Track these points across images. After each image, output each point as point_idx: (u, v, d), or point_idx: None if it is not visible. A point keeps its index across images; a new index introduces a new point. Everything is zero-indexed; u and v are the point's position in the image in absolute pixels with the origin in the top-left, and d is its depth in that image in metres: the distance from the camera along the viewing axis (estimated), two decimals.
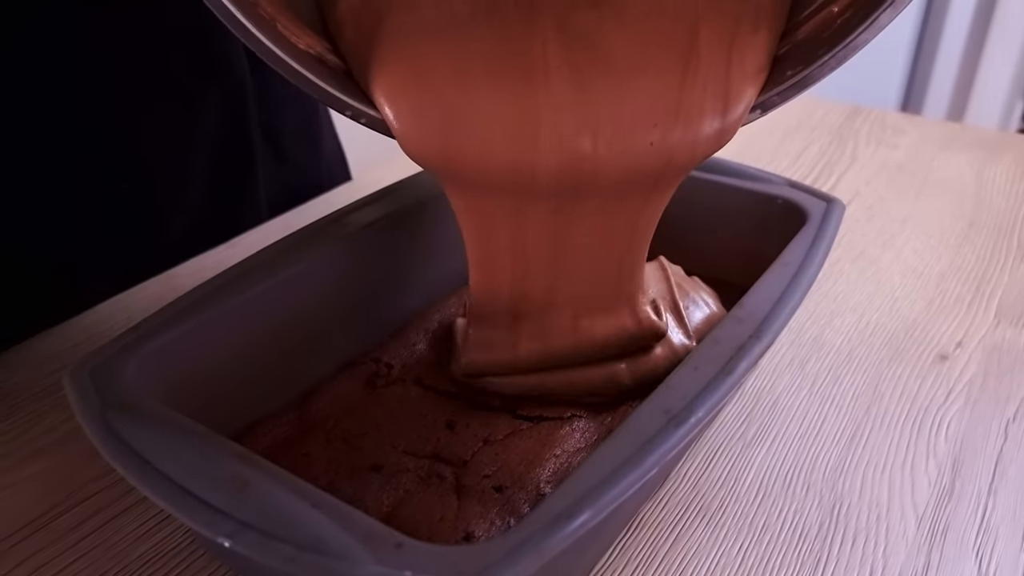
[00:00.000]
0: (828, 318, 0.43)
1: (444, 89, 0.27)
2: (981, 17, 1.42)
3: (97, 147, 0.44)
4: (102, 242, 0.46)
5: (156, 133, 0.47)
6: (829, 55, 0.27)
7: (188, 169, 0.49)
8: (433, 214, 0.38)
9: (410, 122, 0.28)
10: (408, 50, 0.27)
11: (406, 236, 0.37)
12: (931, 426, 0.36)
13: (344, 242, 0.34)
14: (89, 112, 0.43)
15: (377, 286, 0.37)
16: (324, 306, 0.34)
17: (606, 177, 0.28)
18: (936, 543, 0.31)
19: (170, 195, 0.49)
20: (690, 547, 0.30)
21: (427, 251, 0.39)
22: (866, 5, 0.26)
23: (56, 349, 0.40)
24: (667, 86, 0.27)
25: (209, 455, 0.24)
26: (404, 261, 0.38)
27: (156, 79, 0.45)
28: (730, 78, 0.27)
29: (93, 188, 0.44)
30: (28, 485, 0.32)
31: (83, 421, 0.25)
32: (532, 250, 0.31)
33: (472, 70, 0.27)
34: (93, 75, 0.42)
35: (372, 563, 0.20)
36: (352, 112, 0.29)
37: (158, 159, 0.47)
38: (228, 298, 0.30)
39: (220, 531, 0.21)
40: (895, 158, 0.62)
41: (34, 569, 0.29)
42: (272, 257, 0.32)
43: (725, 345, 0.28)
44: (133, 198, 0.46)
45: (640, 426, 0.25)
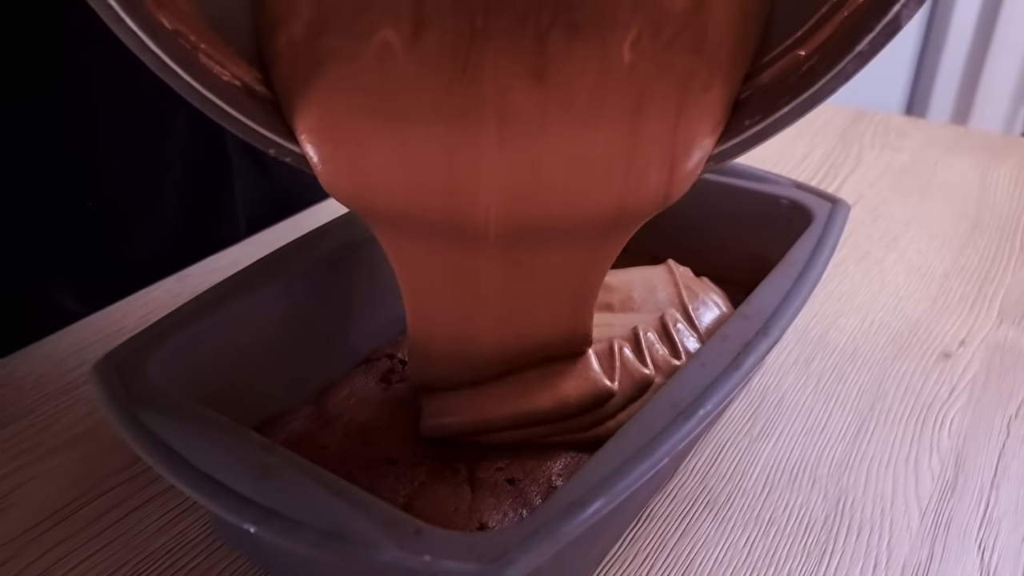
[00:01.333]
0: (833, 317, 0.44)
1: (376, 139, 0.26)
2: (985, 21, 1.42)
3: (62, 166, 0.43)
4: (71, 262, 0.45)
5: (124, 151, 0.46)
6: (790, 105, 0.25)
7: (160, 187, 0.48)
8: None
9: (332, 164, 0.27)
10: (340, 96, 0.26)
11: None
12: (934, 422, 0.37)
13: (359, 241, 0.35)
14: (54, 130, 0.42)
15: (392, 284, 0.37)
16: (340, 304, 0.35)
17: (549, 231, 0.27)
18: (939, 535, 0.31)
19: (140, 214, 0.48)
20: (698, 539, 0.31)
21: None
22: (833, 52, 0.24)
23: (76, 346, 0.40)
24: (613, 151, 0.26)
25: (233, 445, 0.24)
26: None
27: (125, 95, 0.44)
28: (677, 140, 0.26)
29: (58, 207, 0.44)
30: (50, 478, 0.33)
31: (110, 413, 0.26)
32: (480, 295, 0.30)
33: (406, 124, 0.26)
34: (59, 91, 0.42)
35: (393, 548, 0.21)
36: (277, 151, 0.27)
37: (127, 177, 0.46)
38: (247, 295, 0.31)
39: (246, 517, 0.22)
40: (899, 161, 0.62)
41: (58, 559, 0.30)
42: (288, 255, 0.33)
43: (732, 342, 0.29)
44: (101, 217, 0.45)
45: (650, 419, 0.25)
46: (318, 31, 0.26)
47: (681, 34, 0.26)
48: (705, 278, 0.39)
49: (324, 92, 0.26)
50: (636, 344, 0.34)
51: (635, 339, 0.34)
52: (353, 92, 0.26)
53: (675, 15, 0.25)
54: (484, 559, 0.21)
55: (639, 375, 0.33)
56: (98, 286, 0.45)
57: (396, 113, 0.26)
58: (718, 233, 0.42)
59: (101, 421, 0.36)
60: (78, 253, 0.46)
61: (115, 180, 0.46)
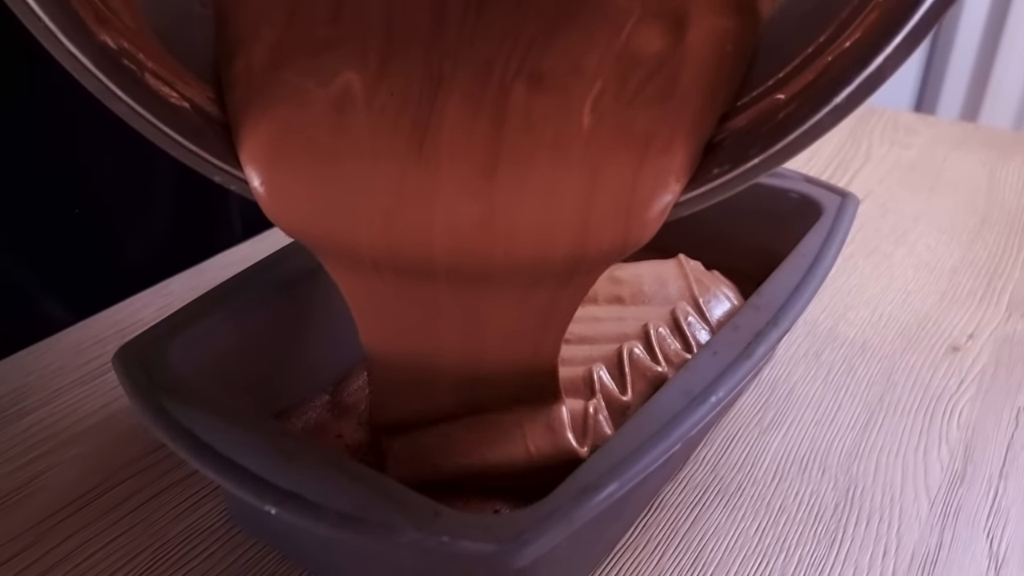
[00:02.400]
0: (842, 311, 0.44)
1: (325, 177, 0.25)
2: (995, 18, 1.42)
3: (49, 171, 0.43)
4: (59, 269, 0.45)
5: (114, 155, 0.45)
6: (760, 156, 0.23)
7: (152, 192, 0.48)
8: None
9: (276, 197, 0.25)
10: (292, 131, 0.25)
11: None
12: (943, 413, 0.37)
13: None
14: (41, 135, 0.42)
15: None
16: None
17: (503, 275, 0.26)
18: (948, 524, 0.32)
19: (131, 221, 0.47)
20: (709, 527, 0.31)
21: None
22: (810, 102, 0.22)
23: (95, 338, 0.41)
24: (566, 204, 0.25)
25: (253, 430, 0.25)
26: None
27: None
28: (635, 196, 0.25)
29: (45, 213, 0.44)
30: (71, 466, 0.34)
31: (132, 399, 0.26)
32: (436, 328, 0.28)
33: (358, 165, 0.25)
34: (45, 97, 0.41)
35: (412, 530, 0.22)
36: (222, 178, 0.26)
37: (117, 183, 0.46)
38: (264, 286, 0.32)
39: (268, 500, 0.23)
40: (908, 157, 0.62)
41: (78, 545, 0.31)
42: (305, 248, 0.34)
43: (744, 331, 0.29)
44: (90, 224, 0.45)
45: (663, 406, 0.26)
46: (279, 62, 0.25)
47: (651, 80, 0.25)
48: (716, 271, 0.40)
49: (276, 124, 0.25)
50: (647, 341, 0.34)
51: (646, 337, 0.34)
52: (306, 128, 0.25)
53: (647, 58, 0.25)
54: (501, 540, 0.21)
55: (652, 374, 0.33)
56: (87, 294, 0.44)
57: (348, 153, 0.25)
58: (728, 227, 0.42)
59: (120, 410, 0.36)
60: (66, 260, 0.45)
61: (105, 185, 0.45)
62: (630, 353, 0.33)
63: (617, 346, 0.34)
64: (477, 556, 0.21)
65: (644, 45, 0.25)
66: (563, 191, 0.25)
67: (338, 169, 0.25)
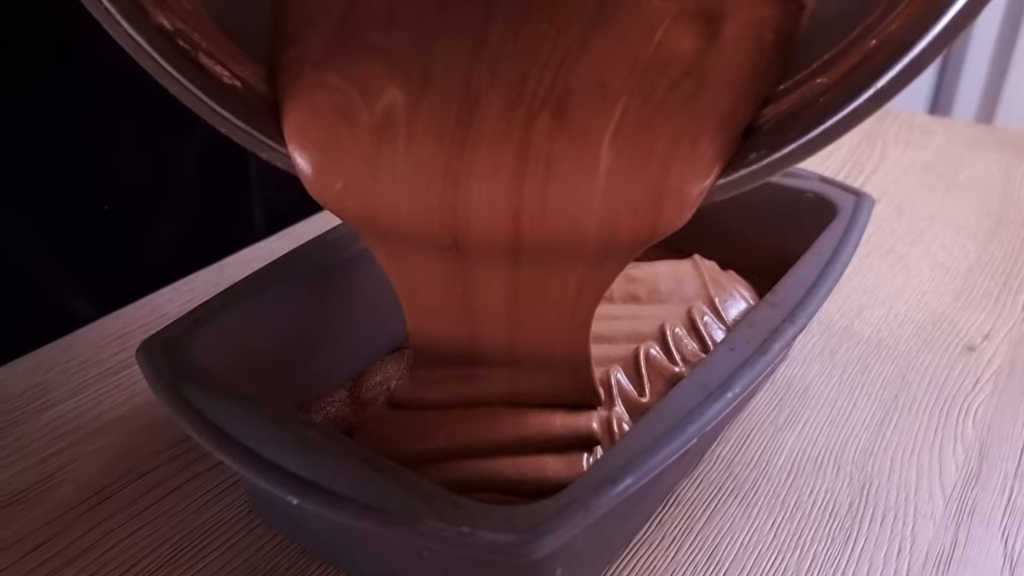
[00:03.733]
0: (858, 310, 0.44)
1: (368, 164, 0.26)
2: (1011, 19, 1.41)
3: (76, 168, 0.44)
4: (84, 264, 0.46)
5: (139, 151, 0.46)
6: (798, 141, 0.23)
7: (174, 189, 0.48)
8: None
9: (319, 177, 0.26)
10: (337, 122, 0.26)
11: None
12: (959, 413, 0.37)
13: None
14: (68, 133, 0.43)
15: None
16: (375, 292, 0.36)
17: (540, 256, 0.27)
18: (963, 522, 0.32)
19: (155, 217, 0.48)
20: (724, 523, 0.32)
21: None
22: (852, 86, 0.22)
23: (119, 332, 0.42)
24: (599, 195, 0.25)
25: (275, 421, 0.25)
26: None
27: (141, 93, 0.45)
28: (666, 187, 0.25)
29: (71, 210, 0.44)
30: (95, 458, 0.34)
31: (156, 390, 0.27)
32: (476, 308, 0.29)
33: (401, 154, 0.26)
34: (73, 89, 0.42)
35: (432, 519, 0.22)
36: (268, 154, 0.27)
37: (141, 179, 0.47)
38: (286, 281, 0.32)
39: (290, 490, 0.23)
40: (924, 158, 0.62)
41: (103, 535, 0.31)
42: (326, 246, 0.34)
43: (760, 327, 0.29)
44: (115, 220, 0.46)
45: (680, 401, 0.26)
46: (330, 62, 0.26)
47: (687, 74, 0.25)
48: (731, 271, 0.40)
49: (320, 119, 0.26)
50: (664, 342, 0.34)
51: (662, 337, 0.35)
52: (348, 129, 0.26)
53: (684, 52, 0.25)
54: (520, 530, 0.22)
55: (669, 374, 0.33)
56: (111, 289, 0.45)
57: (387, 153, 0.26)
58: (744, 226, 0.43)
59: (143, 404, 0.37)
60: (92, 256, 0.46)
61: (130, 182, 0.46)
62: (647, 354, 0.33)
63: (634, 346, 0.34)
64: (496, 546, 0.22)
65: (680, 39, 0.25)
66: (598, 180, 0.25)
67: (375, 164, 0.26)
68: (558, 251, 0.26)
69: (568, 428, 0.30)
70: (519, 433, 0.30)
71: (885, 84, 0.22)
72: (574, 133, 0.25)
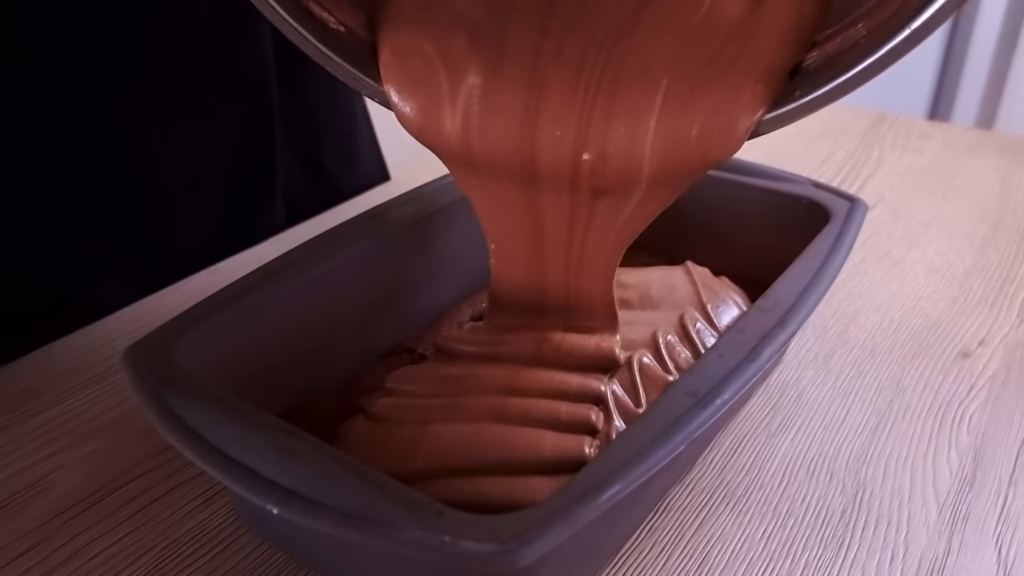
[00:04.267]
0: (852, 315, 0.44)
1: (457, 94, 0.29)
2: (1011, 24, 1.41)
3: (111, 158, 0.45)
4: (115, 252, 0.46)
5: (173, 144, 0.47)
6: (837, 80, 0.25)
7: (206, 180, 0.50)
8: (465, 212, 0.39)
9: (412, 110, 0.30)
10: (428, 47, 0.30)
11: (441, 233, 0.38)
12: (953, 419, 0.37)
13: (382, 237, 0.36)
14: (103, 122, 0.44)
15: (414, 280, 0.38)
16: (362, 299, 0.36)
17: (606, 180, 0.29)
18: (957, 530, 0.31)
19: (186, 206, 0.50)
20: (715, 531, 0.31)
21: (460, 248, 0.40)
22: (887, 29, 0.24)
23: (106, 338, 0.41)
24: (658, 128, 0.28)
25: (258, 429, 0.25)
26: (438, 257, 0.39)
27: (176, 89, 0.46)
28: (717, 124, 0.28)
29: (105, 199, 0.45)
30: (81, 464, 0.34)
31: (138, 396, 0.26)
32: (545, 240, 0.32)
33: (487, 84, 0.29)
34: (108, 84, 0.43)
35: (414, 528, 0.22)
36: (368, 91, 0.30)
37: (175, 171, 0.48)
38: (273, 288, 0.32)
39: (270, 498, 0.23)
40: (920, 163, 0.62)
41: (87, 542, 0.31)
42: (315, 249, 0.34)
43: (750, 333, 0.29)
44: (148, 208, 0.47)
45: (668, 407, 0.26)
46: (421, 23, 0.30)
47: (736, 32, 0.28)
48: (724, 277, 0.40)
49: (412, 64, 0.30)
50: (656, 350, 0.34)
51: (655, 345, 0.34)
52: (437, 72, 0.29)
53: (731, 16, 0.28)
54: (503, 539, 0.21)
55: (663, 383, 0.33)
56: (141, 277, 0.46)
57: (479, 73, 0.29)
58: (737, 232, 0.43)
59: (131, 410, 0.37)
60: (123, 245, 0.47)
61: (164, 173, 0.47)
62: (640, 363, 0.33)
63: (626, 355, 0.33)
64: (479, 556, 0.21)
65: (729, 5, 0.28)
66: (657, 117, 0.28)
67: (459, 106, 0.29)
68: (620, 182, 0.29)
69: (559, 451, 0.29)
70: (506, 452, 0.29)
71: (919, 26, 0.24)
72: (636, 79, 0.28)
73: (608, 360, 0.33)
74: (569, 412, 0.30)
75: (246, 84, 0.50)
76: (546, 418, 0.30)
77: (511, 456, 0.29)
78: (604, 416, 0.31)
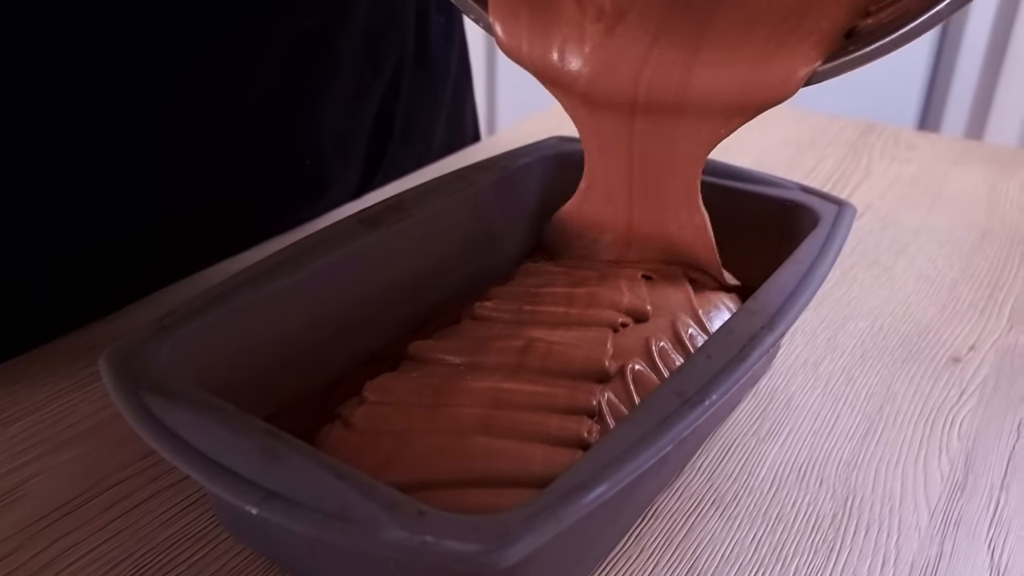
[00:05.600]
0: (842, 322, 0.44)
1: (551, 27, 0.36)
2: (999, 37, 1.42)
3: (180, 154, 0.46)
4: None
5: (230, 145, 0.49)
6: (886, 38, 0.30)
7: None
8: (453, 217, 0.39)
9: (511, 38, 0.37)
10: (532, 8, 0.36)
11: (428, 238, 0.38)
12: (944, 424, 0.36)
13: (366, 246, 0.35)
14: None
15: (399, 285, 0.37)
16: (345, 305, 0.35)
17: (684, 107, 0.35)
18: (949, 534, 0.31)
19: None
20: (704, 536, 0.31)
21: (447, 254, 0.40)
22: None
23: (88, 345, 0.41)
24: (736, 67, 0.34)
25: (238, 430, 0.24)
26: (425, 262, 0.39)
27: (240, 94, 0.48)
28: (781, 70, 0.33)
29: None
30: (59, 471, 0.33)
31: (116, 398, 0.26)
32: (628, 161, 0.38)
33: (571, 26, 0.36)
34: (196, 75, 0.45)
35: (396, 529, 0.21)
36: (475, 14, 0.37)
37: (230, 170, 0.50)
38: (254, 291, 0.31)
39: (249, 499, 0.22)
40: (909, 172, 0.62)
41: (64, 550, 0.30)
42: (298, 253, 0.34)
43: (738, 334, 0.29)
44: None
45: (655, 407, 0.25)
46: None
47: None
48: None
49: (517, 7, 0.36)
50: (649, 357, 0.34)
51: (648, 352, 0.34)
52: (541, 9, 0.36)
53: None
54: (486, 539, 0.21)
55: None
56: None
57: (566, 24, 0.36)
58: (726, 236, 0.42)
59: (109, 418, 0.36)
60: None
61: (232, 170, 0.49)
62: (633, 371, 0.33)
63: (619, 364, 0.33)
64: (461, 556, 0.21)
65: None
66: (734, 63, 0.34)
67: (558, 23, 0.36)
68: (701, 107, 0.35)
69: (551, 465, 0.28)
70: (492, 465, 0.28)
71: None
72: (723, 34, 0.34)
73: (597, 370, 0.32)
74: (560, 427, 0.30)
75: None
76: (535, 432, 0.30)
77: (498, 469, 0.28)
78: (600, 428, 0.30)
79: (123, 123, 0.42)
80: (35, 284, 0.42)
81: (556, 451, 0.29)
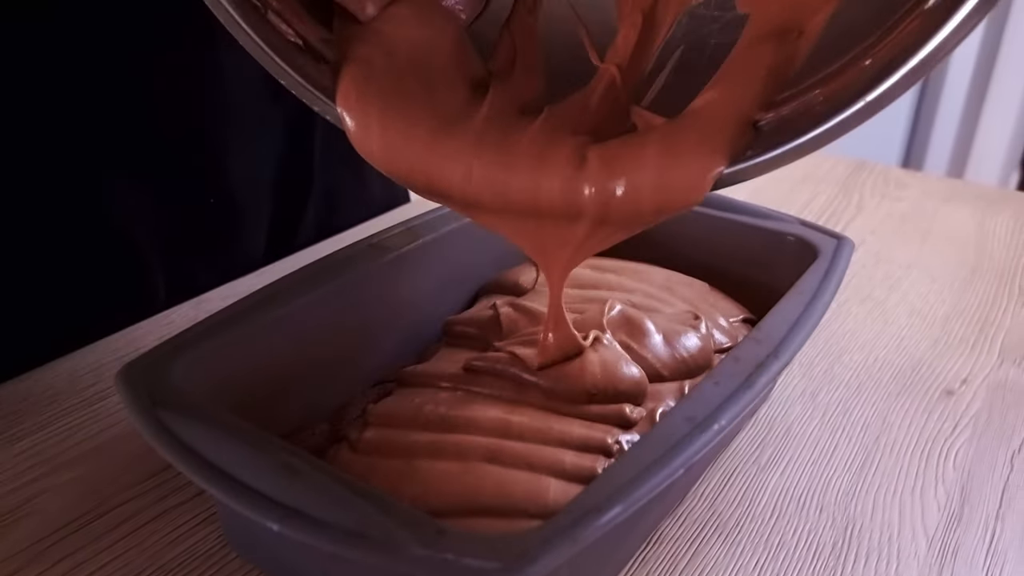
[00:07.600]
0: (837, 354, 0.44)
1: (403, 133, 0.29)
2: (980, 79, 1.46)
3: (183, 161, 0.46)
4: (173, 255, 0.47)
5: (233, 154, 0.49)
6: (789, 144, 0.26)
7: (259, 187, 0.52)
8: (459, 241, 0.39)
9: (363, 137, 0.29)
10: (384, 91, 0.29)
11: (435, 261, 0.39)
12: (939, 455, 0.37)
13: (373, 270, 0.36)
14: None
15: (408, 307, 0.38)
16: (357, 325, 0.36)
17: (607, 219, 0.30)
18: (947, 563, 0.31)
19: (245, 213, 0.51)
20: (708, 562, 0.31)
21: (454, 276, 0.40)
22: (841, 100, 0.25)
23: (93, 365, 0.41)
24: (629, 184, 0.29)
25: (256, 447, 0.25)
26: (430, 288, 0.39)
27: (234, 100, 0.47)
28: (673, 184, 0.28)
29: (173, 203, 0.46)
30: (66, 489, 0.33)
31: (134, 416, 0.26)
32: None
33: (438, 134, 0.29)
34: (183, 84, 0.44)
35: (416, 547, 0.22)
36: (321, 107, 0.30)
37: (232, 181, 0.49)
38: (268, 312, 0.32)
39: (271, 516, 0.23)
40: (899, 209, 0.64)
41: (70, 568, 0.30)
42: (312, 275, 0.34)
43: (745, 363, 0.29)
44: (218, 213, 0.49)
45: (667, 432, 0.26)
46: (388, 74, 0.29)
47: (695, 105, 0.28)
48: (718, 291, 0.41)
49: (372, 97, 0.29)
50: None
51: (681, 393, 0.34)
52: (397, 109, 0.29)
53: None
54: (505, 559, 0.21)
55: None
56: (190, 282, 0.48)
57: (431, 122, 0.29)
58: (727, 268, 0.43)
59: (117, 436, 0.36)
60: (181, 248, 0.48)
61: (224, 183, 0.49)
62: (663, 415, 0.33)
63: (651, 406, 0.33)
64: (481, 574, 0.21)
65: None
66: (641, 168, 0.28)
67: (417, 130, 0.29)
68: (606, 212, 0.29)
69: (565, 499, 0.27)
70: (503, 495, 0.29)
71: (873, 99, 0.24)
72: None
73: (616, 415, 0.33)
74: (575, 464, 0.30)
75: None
76: (549, 465, 0.30)
77: (509, 499, 0.29)
78: None
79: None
80: (36, 304, 0.42)
81: (570, 486, 0.29)
